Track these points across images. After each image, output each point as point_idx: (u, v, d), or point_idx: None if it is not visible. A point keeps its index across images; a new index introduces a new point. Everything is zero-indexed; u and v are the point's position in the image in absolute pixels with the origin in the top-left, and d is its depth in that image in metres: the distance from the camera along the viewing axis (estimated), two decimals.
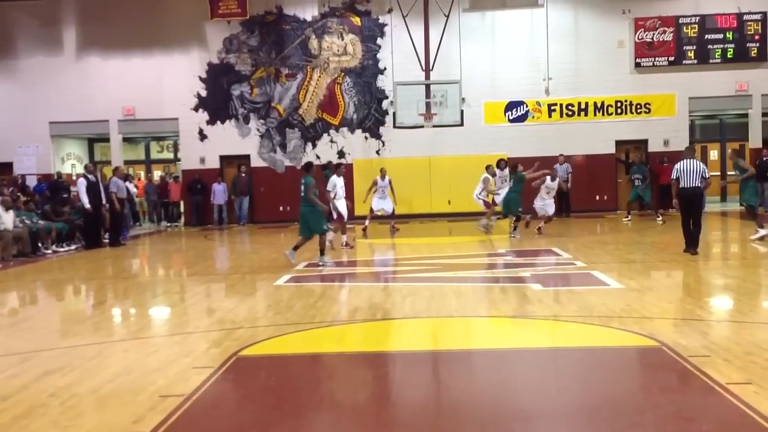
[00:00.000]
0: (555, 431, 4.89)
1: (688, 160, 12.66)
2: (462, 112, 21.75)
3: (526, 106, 24.48)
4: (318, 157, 24.63)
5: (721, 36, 23.94)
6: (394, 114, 22.88)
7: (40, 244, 17.06)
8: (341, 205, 15.63)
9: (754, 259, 12.65)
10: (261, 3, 24.82)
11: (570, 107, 24.42)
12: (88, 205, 17.60)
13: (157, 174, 27.82)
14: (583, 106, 24.40)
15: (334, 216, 15.43)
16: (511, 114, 24.53)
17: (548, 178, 17.69)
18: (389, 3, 23.85)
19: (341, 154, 24.78)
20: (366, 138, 24.90)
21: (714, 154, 27.01)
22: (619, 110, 24.36)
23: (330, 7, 24.87)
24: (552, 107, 24.44)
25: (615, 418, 5.00)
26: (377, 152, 24.75)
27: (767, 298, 9.31)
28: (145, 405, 5.42)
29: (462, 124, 22.06)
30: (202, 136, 25.22)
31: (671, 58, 24.08)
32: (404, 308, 9.25)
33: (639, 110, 24.30)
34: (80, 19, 25.29)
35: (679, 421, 4.88)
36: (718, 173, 26.27)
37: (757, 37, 23.86)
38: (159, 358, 6.91)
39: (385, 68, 24.53)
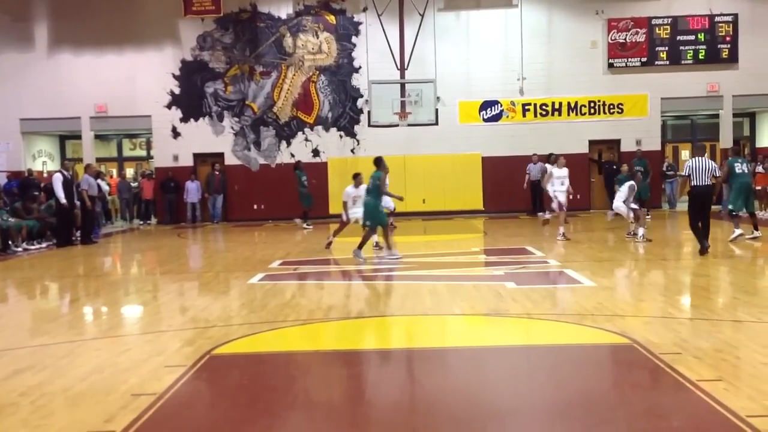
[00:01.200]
0: (528, 428, 4.91)
1: (699, 158, 12.77)
2: (437, 111, 21.80)
3: (501, 106, 24.58)
4: (292, 156, 24.60)
5: (692, 37, 24.21)
6: (369, 113, 22.90)
7: (10, 242, 16.84)
8: (353, 212, 14.77)
9: (724, 258, 12.80)
10: (235, 0, 24.69)
11: (544, 107, 24.56)
12: (64, 200, 17.46)
13: (129, 171, 27.59)
14: (556, 106, 24.56)
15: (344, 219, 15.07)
16: (486, 113, 24.62)
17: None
18: (364, 2, 23.86)
19: (316, 152, 24.74)
20: (341, 137, 24.87)
21: (685, 154, 27.30)
22: (592, 110, 24.55)
23: (305, 5, 24.80)
24: (526, 107, 24.57)
25: (587, 415, 5.04)
26: (352, 151, 24.72)
27: (737, 296, 9.43)
28: (117, 404, 5.37)
29: (437, 123, 22.12)
30: (176, 134, 25.04)
31: (644, 59, 24.31)
32: (379, 306, 9.26)
33: (612, 110, 24.51)
34: (52, 15, 25.00)
35: (650, 418, 4.92)
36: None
37: (728, 39, 24.16)
38: (131, 356, 6.85)
39: (360, 67, 24.52)
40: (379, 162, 13.52)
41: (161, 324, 8.57)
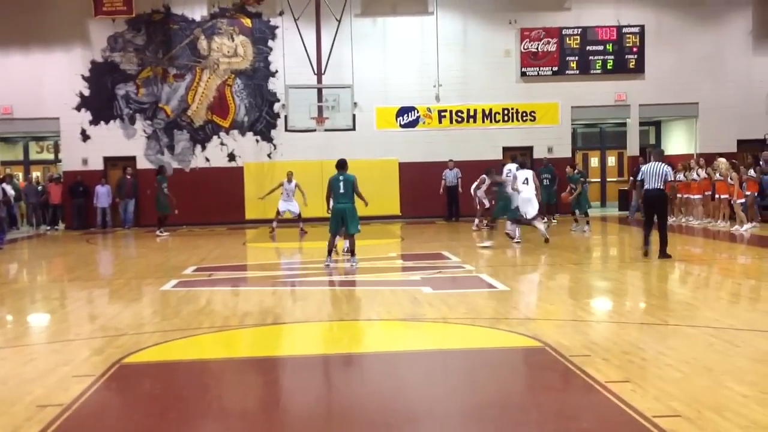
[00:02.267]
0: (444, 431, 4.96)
1: (653, 163, 12.93)
2: (354, 116, 21.85)
3: (417, 112, 24.80)
4: (207, 160, 24.27)
5: (601, 48, 24.96)
6: (285, 117, 22.75)
7: None
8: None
9: (632, 262, 13.21)
10: (147, 1, 24.15)
11: (459, 114, 24.90)
12: None
13: (35, 175, 26.66)
14: (471, 113, 24.93)
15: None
16: (403, 119, 24.81)
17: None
18: (280, 5, 23.70)
19: (231, 157, 24.45)
20: (257, 141, 24.63)
21: (594, 161, 28.11)
22: (506, 117, 25.02)
23: (220, 8, 24.49)
24: (442, 113, 24.86)
25: (501, 417, 5.12)
26: (269, 155, 24.52)
27: (643, 300, 9.75)
28: (21, 416, 5.18)
29: (354, 129, 22.15)
30: (85, 137, 24.34)
31: (555, 68, 24.93)
32: (295, 312, 9.20)
33: (525, 118, 25.03)
34: None
35: (560, 419, 5.04)
36: (599, 179, 27.41)
37: (635, 49, 25.00)
38: (37, 366, 6.61)
39: (276, 71, 24.35)
40: (345, 164, 13.13)
41: (69, 333, 8.29)
